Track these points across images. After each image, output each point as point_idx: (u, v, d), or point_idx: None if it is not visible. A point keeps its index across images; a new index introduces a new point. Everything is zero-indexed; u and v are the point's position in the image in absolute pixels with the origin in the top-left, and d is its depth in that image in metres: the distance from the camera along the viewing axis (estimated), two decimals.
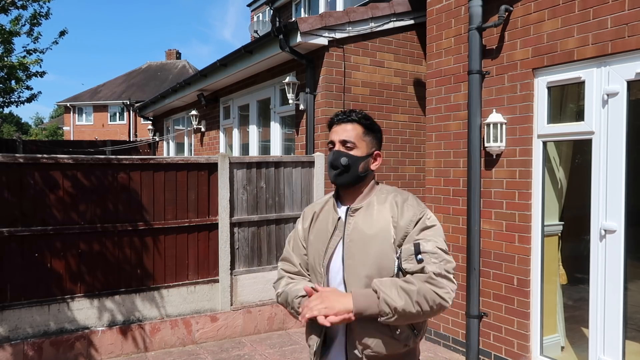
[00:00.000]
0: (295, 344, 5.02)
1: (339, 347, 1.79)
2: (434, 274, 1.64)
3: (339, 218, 1.84)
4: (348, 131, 1.83)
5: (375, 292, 1.64)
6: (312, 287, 1.73)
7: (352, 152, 1.82)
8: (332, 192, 1.97)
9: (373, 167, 1.89)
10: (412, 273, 1.67)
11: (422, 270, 1.66)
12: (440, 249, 1.70)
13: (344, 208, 1.86)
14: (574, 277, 4.69)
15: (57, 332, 4.40)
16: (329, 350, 1.82)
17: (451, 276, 1.69)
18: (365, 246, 1.74)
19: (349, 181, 1.83)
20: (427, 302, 1.62)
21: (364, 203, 1.83)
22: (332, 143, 1.86)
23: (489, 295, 4.38)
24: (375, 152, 1.90)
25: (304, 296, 1.76)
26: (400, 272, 1.70)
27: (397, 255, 1.72)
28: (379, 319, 1.63)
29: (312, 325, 1.81)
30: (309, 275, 1.89)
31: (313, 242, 1.87)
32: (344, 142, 1.83)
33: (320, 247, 1.83)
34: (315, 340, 1.82)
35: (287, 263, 1.95)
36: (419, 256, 1.67)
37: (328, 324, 1.60)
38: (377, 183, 1.94)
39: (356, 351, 1.73)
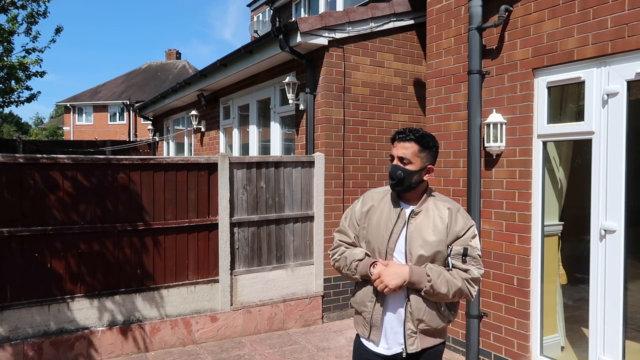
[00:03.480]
0: (295, 344, 5.02)
1: (397, 322, 2.22)
2: (474, 278, 2.18)
3: (402, 209, 2.26)
4: (406, 149, 2.21)
5: (428, 275, 2.11)
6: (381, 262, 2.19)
7: (407, 167, 2.20)
8: (387, 188, 2.37)
9: (425, 177, 2.27)
10: (457, 268, 2.18)
11: (465, 270, 2.18)
12: (479, 257, 2.22)
13: (404, 205, 2.28)
14: (574, 277, 4.69)
15: (57, 332, 4.40)
16: (383, 323, 2.24)
17: (481, 280, 2.26)
18: (424, 241, 2.19)
19: (402, 190, 2.25)
20: (461, 295, 2.18)
21: (423, 207, 2.25)
22: (392, 157, 2.26)
23: (489, 295, 4.38)
24: (429, 166, 2.26)
25: (360, 260, 2.24)
26: (447, 260, 2.19)
27: (449, 252, 2.18)
28: (421, 292, 2.13)
29: (367, 293, 2.26)
30: (360, 246, 2.33)
31: (374, 225, 2.28)
32: (401, 159, 2.21)
33: (383, 229, 2.24)
34: (370, 307, 2.25)
35: (343, 235, 2.40)
36: (466, 258, 2.18)
37: (387, 293, 2.13)
38: (430, 189, 2.35)
39: (412, 326, 2.19)
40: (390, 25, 5.97)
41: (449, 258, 2.18)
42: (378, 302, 2.23)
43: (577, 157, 4.46)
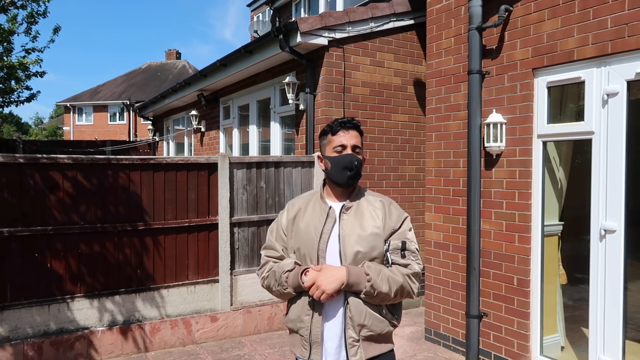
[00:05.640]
0: None
1: (339, 332, 2.00)
2: (415, 273, 2.04)
3: (330, 207, 2.07)
4: (356, 137, 2.07)
5: (367, 274, 1.93)
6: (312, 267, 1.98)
7: (359, 156, 2.07)
8: (314, 190, 2.23)
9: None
10: (396, 263, 2.03)
11: (405, 265, 2.03)
12: (417, 250, 2.09)
13: (333, 203, 2.10)
14: (574, 277, 4.69)
15: (57, 332, 4.40)
16: (324, 338, 2.01)
17: (421, 275, 2.11)
18: (359, 236, 2.02)
19: (356, 181, 2.09)
20: (402, 294, 2.02)
21: (354, 203, 2.09)
22: (343, 147, 2.04)
23: (489, 295, 4.38)
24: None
25: (290, 270, 2.01)
26: (386, 256, 2.04)
27: (386, 247, 2.03)
28: (361, 295, 1.94)
29: (303, 305, 2.04)
30: (290, 257, 2.11)
31: (303, 230, 2.08)
32: (354, 147, 2.05)
33: (312, 232, 2.05)
34: (307, 321, 2.03)
35: (270, 250, 2.17)
36: (404, 252, 2.03)
37: (325, 299, 1.92)
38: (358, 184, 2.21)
39: (353, 333, 1.98)
40: (390, 25, 5.98)
41: (387, 253, 2.02)
42: (316, 312, 1.99)
43: (577, 157, 4.46)
